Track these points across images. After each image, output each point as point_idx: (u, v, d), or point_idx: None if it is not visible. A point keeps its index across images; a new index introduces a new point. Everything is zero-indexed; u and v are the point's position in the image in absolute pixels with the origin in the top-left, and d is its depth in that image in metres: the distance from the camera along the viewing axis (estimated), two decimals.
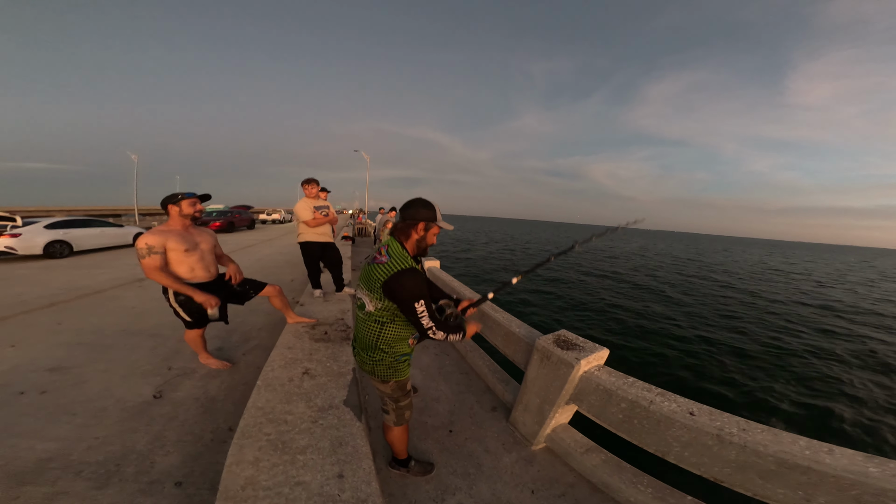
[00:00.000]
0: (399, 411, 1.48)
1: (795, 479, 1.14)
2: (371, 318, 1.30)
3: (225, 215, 15.94)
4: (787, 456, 1.15)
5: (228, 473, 1.21)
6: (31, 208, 26.35)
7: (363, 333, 1.35)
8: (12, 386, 2.23)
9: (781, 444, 1.19)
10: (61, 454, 1.68)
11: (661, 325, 7.95)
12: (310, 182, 3.63)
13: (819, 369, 6.09)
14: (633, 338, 7.01)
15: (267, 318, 3.70)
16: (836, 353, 7.09)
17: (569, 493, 1.69)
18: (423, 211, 1.26)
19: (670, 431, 1.38)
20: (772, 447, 1.18)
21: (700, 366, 5.81)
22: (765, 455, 1.18)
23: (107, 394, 2.20)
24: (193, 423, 1.97)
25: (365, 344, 1.36)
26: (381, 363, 1.35)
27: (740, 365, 5.96)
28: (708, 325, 8.43)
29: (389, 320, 1.29)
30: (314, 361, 2.05)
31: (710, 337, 7.42)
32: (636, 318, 8.42)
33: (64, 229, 7.87)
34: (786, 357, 6.56)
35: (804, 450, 1.16)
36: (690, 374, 5.47)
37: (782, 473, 1.16)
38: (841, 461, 1.11)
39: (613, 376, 1.67)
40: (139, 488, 1.51)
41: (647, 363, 5.83)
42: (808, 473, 1.12)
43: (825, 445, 1.18)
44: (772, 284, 16.13)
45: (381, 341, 1.32)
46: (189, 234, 2.23)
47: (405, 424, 1.54)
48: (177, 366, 2.62)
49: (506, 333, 2.33)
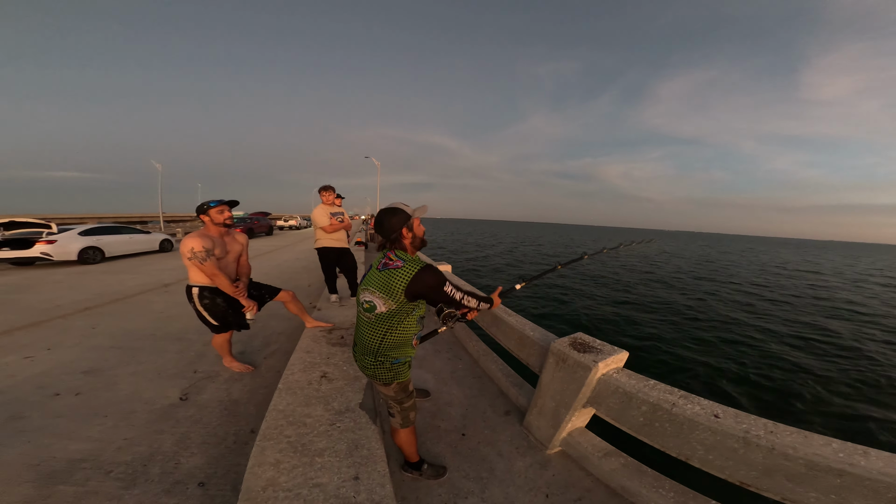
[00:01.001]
0: (404, 413, 1.50)
1: (828, 482, 1.11)
2: (380, 320, 1.32)
3: (244, 222, 16.47)
4: (818, 459, 1.11)
5: (250, 475, 1.25)
6: (63, 216, 27.95)
7: (367, 337, 1.36)
8: (48, 388, 2.36)
9: (812, 446, 1.15)
10: (92, 455, 1.76)
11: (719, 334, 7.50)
12: (326, 189, 3.73)
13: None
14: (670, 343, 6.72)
15: (287, 323, 3.80)
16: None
17: (585, 497, 1.66)
18: (395, 220, 1.31)
19: (694, 434, 1.34)
20: (802, 450, 1.14)
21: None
22: (794, 458, 1.15)
23: (136, 396, 2.30)
24: (217, 426, 2.04)
25: (366, 348, 1.38)
26: (382, 366, 1.37)
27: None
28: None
29: (399, 321, 1.32)
30: (331, 365, 2.09)
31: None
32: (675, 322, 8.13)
33: (97, 236, 8.30)
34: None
35: (837, 452, 1.12)
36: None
37: (814, 476, 1.13)
38: (877, 464, 1.07)
39: (634, 379, 1.63)
40: (164, 488, 1.57)
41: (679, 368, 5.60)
42: (843, 476, 1.08)
43: (860, 448, 1.13)
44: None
45: (384, 345, 1.34)
46: (223, 241, 2.30)
47: (411, 426, 1.56)
48: (202, 369, 2.71)
49: (519, 337, 2.31)
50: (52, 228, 8.16)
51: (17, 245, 7.27)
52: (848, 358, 6.37)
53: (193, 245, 2.10)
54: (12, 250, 7.16)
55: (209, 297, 2.28)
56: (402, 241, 1.34)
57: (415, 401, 1.55)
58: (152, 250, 10.03)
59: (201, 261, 2.11)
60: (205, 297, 2.26)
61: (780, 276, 18.26)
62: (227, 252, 2.30)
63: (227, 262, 2.33)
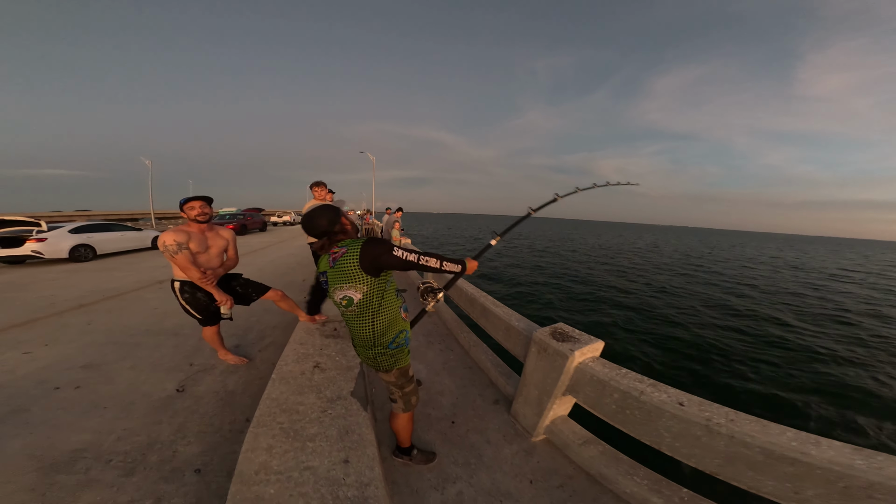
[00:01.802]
0: (406, 397, 1.57)
1: (783, 470, 1.14)
2: (363, 308, 1.35)
3: (237, 218, 16.39)
4: (773, 447, 1.15)
5: (244, 459, 1.32)
6: (52, 213, 27.54)
7: (359, 329, 1.40)
8: (48, 382, 2.41)
9: (769, 434, 1.19)
10: (93, 445, 1.82)
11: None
12: (318, 185, 3.80)
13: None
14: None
15: (281, 318, 3.86)
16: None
17: (567, 484, 1.73)
18: (324, 221, 1.35)
19: (661, 422, 1.41)
20: (759, 438, 1.19)
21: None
22: (752, 446, 1.19)
23: (134, 389, 2.36)
24: (213, 416, 2.11)
25: (364, 341, 1.42)
26: (383, 355, 1.43)
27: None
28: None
29: (379, 301, 1.36)
30: (324, 356, 2.16)
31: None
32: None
33: (87, 234, 8.25)
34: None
35: (791, 441, 1.16)
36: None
37: (770, 465, 1.17)
38: (828, 453, 1.10)
39: (607, 367, 1.71)
40: (162, 476, 1.64)
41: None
42: (796, 465, 1.12)
43: (812, 437, 1.17)
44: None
45: (377, 333, 1.38)
46: (203, 236, 2.32)
47: (412, 411, 1.62)
48: (198, 362, 2.78)
49: (506, 327, 2.39)
50: (41, 226, 8.07)
51: (7, 243, 7.20)
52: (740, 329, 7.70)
53: (165, 239, 2.15)
54: (2, 248, 7.11)
55: (189, 292, 2.33)
56: (336, 238, 1.39)
57: (415, 385, 1.61)
58: (144, 247, 9.98)
59: (172, 254, 2.15)
60: (185, 291, 2.31)
61: (753, 268, 19.70)
62: (207, 247, 2.32)
63: (209, 257, 2.34)
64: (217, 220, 16.06)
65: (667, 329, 7.33)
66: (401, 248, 1.33)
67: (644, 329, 7.26)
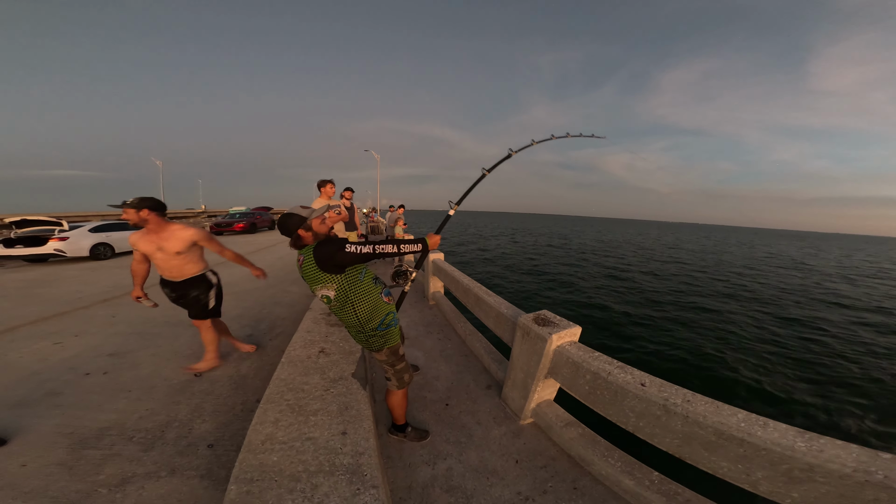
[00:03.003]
0: (398, 374, 1.72)
1: (734, 451, 1.18)
2: (341, 301, 1.50)
3: (247, 217, 16.73)
4: (724, 427, 1.19)
5: (252, 431, 1.48)
6: (68, 213, 28.28)
7: (346, 319, 1.57)
8: (80, 368, 2.65)
9: (720, 415, 1.24)
10: (118, 423, 2.02)
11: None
12: (325, 183, 3.88)
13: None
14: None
15: (290, 310, 4.08)
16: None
17: (550, 465, 1.82)
18: (290, 222, 1.47)
19: (626, 402, 1.52)
20: (711, 418, 1.24)
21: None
22: (705, 426, 1.24)
23: (156, 374, 2.59)
24: (227, 397, 2.31)
25: (352, 328, 1.60)
26: (373, 336, 1.59)
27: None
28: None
29: (355, 292, 1.49)
30: (329, 342, 2.32)
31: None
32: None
33: (106, 232, 8.59)
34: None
35: (740, 422, 1.20)
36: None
37: (722, 445, 1.21)
38: (772, 434, 1.13)
39: (581, 350, 1.83)
40: (178, 450, 1.82)
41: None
42: (744, 445, 1.15)
43: (761, 419, 1.20)
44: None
45: (362, 320, 1.55)
46: (151, 238, 2.28)
47: (405, 389, 1.78)
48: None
49: (497, 315, 2.53)
50: (63, 226, 8.39)
51: (31, 242, 7.54)
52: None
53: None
54: (26, 247, 7.45)
55: (161, 285, 2.54)
56: (301, 241, 1.50)
57: (406, 363, 1.76)
58: None
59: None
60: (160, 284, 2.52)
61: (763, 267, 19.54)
62: (159, 248, 2.30)
63: (163, 258, 2.34)
64: (227, 219, 16.42)
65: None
66: (353, 244, 1.43)
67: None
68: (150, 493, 1.55)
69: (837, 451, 1.05)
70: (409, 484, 1.67)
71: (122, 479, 1.62)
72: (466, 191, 2.20)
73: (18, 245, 7.52)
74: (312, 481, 1.21)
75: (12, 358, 2.82)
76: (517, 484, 1.70)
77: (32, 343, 3.10)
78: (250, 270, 2.71)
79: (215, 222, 16.42)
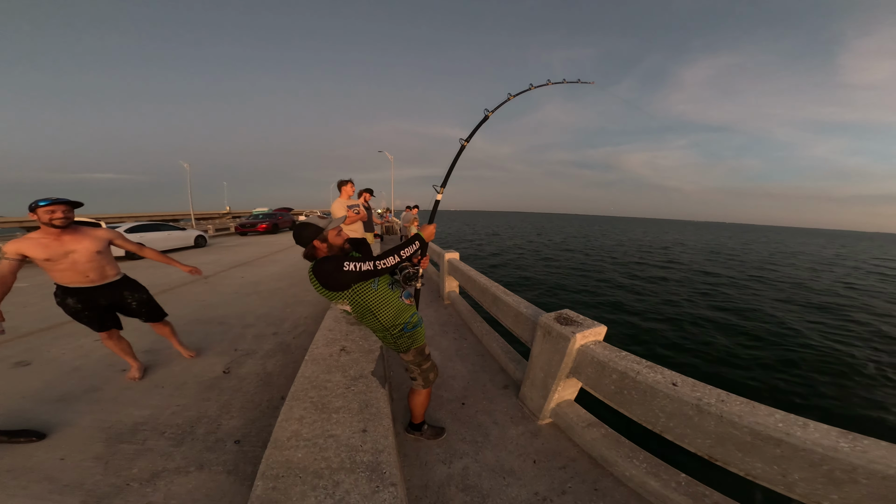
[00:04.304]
0: (424, 374, 1.73)
1: (770, 452, 1.15)
2: (360, 313, 1.52)
3: (270, 217, 17.28)
4: (760, 428, 1.16)
5: (279, 428, 1.53)
6: (103, 215, 29.87)
7: (371, 326, 1.60)
8: (116, 365, 2.79)
9: (756, 415, 1.20)
10: (151, 419, 2.11)
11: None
12: (345, 183, 3.97)
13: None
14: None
15: (312, 309, 4.21)
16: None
17: (569, 465, 1.80)
18: (306, 233, 1.49)
19: (655, 402, 1.47)
20: (746, 418, 1.20)
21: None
22: (740, 426, 1.20)
23: (187, 371, 2.71)
24: (254, 394, 2.39)
25: (381, 331, 1.61)
26: (400, 337, 1.61)
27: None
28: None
29: (372, 302, 1.50)
30: (349, 341, 2.37)
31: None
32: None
33: (141, 233, 9.10)
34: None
35: (778, 422, 1.16)
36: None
37: (758, 446, 1.17)
38: (813, 435, 1.10)
39: (608, 350, 1.78)
40: (207, 446, 1.89)
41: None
42: (781, 446, 1.12)
43: (800, 419, 1.17)
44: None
45: (386, 325, 1.57)
46: (57, 241, 2.06)
47: (430, 387, 1.79)
48: (241, 348, 3.14)
49: (515, 314, 2.51)
50: (101, 227, 8.92)
51: None
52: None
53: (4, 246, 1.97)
54: None
55: (59, 296, 2.22)
56: (316, 252, 1.52)
57: (432, 363, 1.77)
58: (188, 246, 10.82)
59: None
60: (56, 296, 2.23)
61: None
62: (66, 253, 2.08)
63: (75, 261, 2.12)
64: (251, 220, 16.99)
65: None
66: (353, 262, 1.39)
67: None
68: (179, 489, 1.61)
69: (882, 452, 1.02)
70: (426, 482, 1.68)
71: (153, 474, 1.69)
72: (448, 170, 1.97)
73: None
74: (334, 478, 1.24)
75: (55, 354, 3.01)
76: (534, 484, 1.68)
77: (75, 341, 3.30)
78: (180, 269, 2.65)
79: (240, 223, 17.04)
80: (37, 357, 2.97)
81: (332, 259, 1.43)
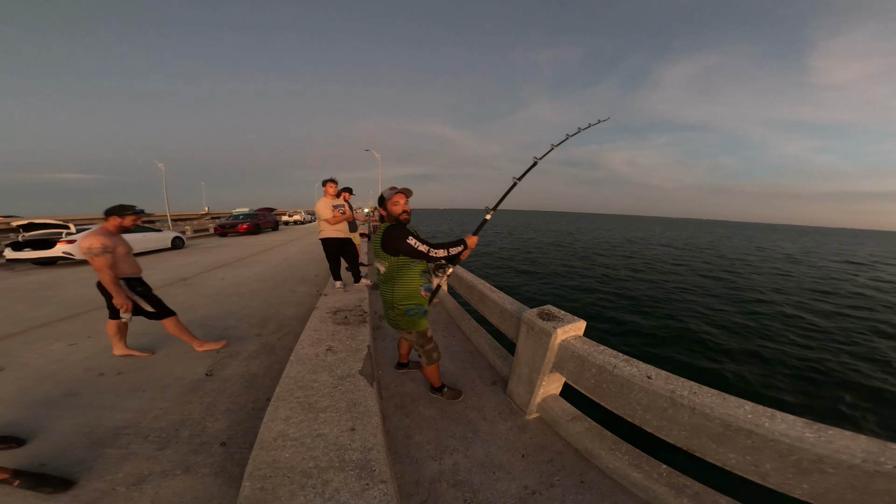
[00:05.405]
0: (427, 354, 2.00)
1: (742, 442, 1.19)
2: (386, 278, 1.79)
3: (251, 218, 16.85)
4: (731, 419, 1.21)
5: (265, 428, 1.53)
6: (73, 217, 28.60)
7: (384, 293, 1.82)
8: (94, 369, 2.70)
9: (727, 406, 1.25)
10: (133, 422, 2.06)
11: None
12: (329, 182, 4.04)
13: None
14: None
15: (297, 310, 4.14)
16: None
17: (556, 459, 1.84)
18: (380, 200, 1.84)
19: (632, 395, 1.53)
20: (718, 409, 1.24)
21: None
22: (712, 417, 1.25)
23: (169, 373, 2.64)
24: (238, 395, 2.35)
25: (386, 303, 1.83)
26: (403, 317, 1.81)
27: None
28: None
29: (398, 276, 1.76)
30: (336, 341, 2.37)
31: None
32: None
33: None
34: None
35: (747, 413, 1.21)
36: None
37: (730, 437, 1.22)
38: (780, 426, 1.13)
39: (587, 344, 1.84)
40: (192, 449, 1.85)
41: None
42: (752, 437, 1.16)
43: (769, 410, 1.21)
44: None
45: (395, 297, 1.77)
46: (123, 240, 2.65)
47: (436, 363, 2.06)
48: (224, 349, 3.08)
49: (501, 311, 2.55)
50: (70, 229, 8.46)
51: (39, 245, 7.62)
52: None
53: (92, 242, 2.43)
54: (34, 251, 7.52)
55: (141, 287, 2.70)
56: (382, 217, 1.85)
57: (435, 344, 2.03)
58: (165, 248, 10.44)
59: (95, 255, 2.43)
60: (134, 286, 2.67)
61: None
62: (129, 251, 2.67)
63: (124, 258, 2.63)
64: (231, 220, 16.55)
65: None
66: (416, 238, 1.70)
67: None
68: (166, 492, 1.59)
69: (846, 442, 1.05)
70: (417, 479, 1.70)
71: (139, 478, 1.66)
72: (500, 198, 2.45)
73: (27, 248, 7.62)
74: (323, 477, 1.25)
75: (29, 359, 2.89)
76: (524, 478, 1.71)
77: (48, 345, 3.17)
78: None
79: (219, 224, 16.55)
80: (10, 363, 2.84)
81: (403, 229, 1.73)
